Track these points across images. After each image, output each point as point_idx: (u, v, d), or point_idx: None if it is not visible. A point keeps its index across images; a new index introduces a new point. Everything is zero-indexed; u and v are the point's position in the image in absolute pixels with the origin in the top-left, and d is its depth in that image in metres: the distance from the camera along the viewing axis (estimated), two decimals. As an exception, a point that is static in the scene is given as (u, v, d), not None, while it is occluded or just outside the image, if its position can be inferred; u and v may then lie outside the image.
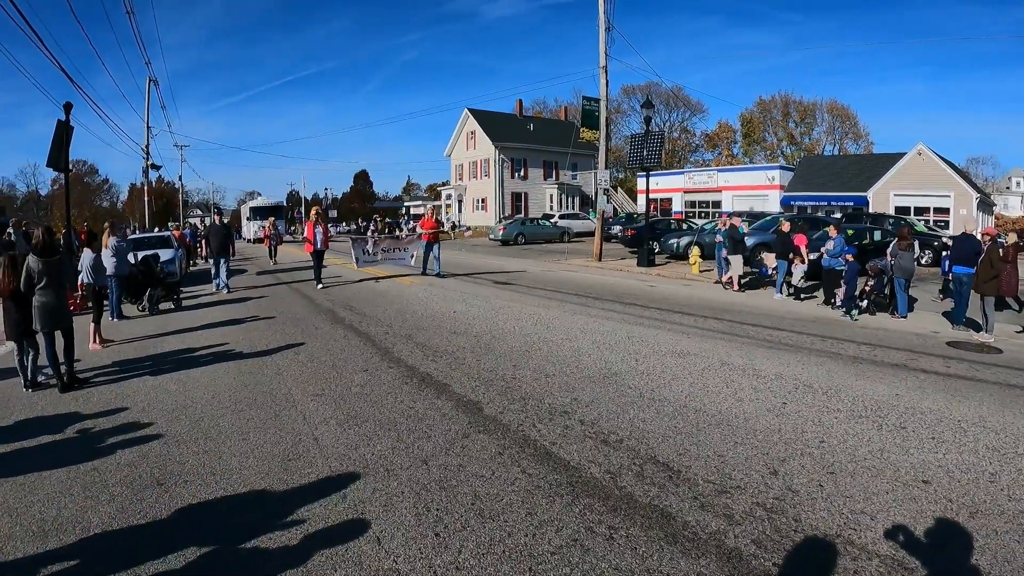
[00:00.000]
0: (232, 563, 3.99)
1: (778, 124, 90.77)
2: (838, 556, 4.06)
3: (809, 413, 6.90)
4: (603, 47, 26.79)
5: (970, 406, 7.30)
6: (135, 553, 4.09)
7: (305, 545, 4.15)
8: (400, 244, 21.83)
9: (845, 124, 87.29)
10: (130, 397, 7.69)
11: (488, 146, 62.75)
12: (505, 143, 62.81)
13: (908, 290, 13.90)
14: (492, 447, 5.86)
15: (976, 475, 5.36)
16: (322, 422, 6.59)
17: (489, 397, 7.42)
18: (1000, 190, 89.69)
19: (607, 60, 27.01)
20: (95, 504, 4.83)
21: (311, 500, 4.80)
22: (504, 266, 25.12)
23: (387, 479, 5.17)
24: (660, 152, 29.23)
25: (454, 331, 11.34)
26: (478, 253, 32.72)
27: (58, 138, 16.15)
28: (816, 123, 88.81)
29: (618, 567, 3.89)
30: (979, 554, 4.10)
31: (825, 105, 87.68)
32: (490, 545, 4.14)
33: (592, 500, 4.79)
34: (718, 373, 8.49)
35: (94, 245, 11.76)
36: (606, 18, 26.52)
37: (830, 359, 9.51)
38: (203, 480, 5.23)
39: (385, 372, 8.57)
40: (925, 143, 43.46)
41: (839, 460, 5.62)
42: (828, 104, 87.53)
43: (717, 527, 4.39)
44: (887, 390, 7.87)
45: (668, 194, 58.84)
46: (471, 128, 66.12)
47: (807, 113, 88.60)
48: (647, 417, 6.67)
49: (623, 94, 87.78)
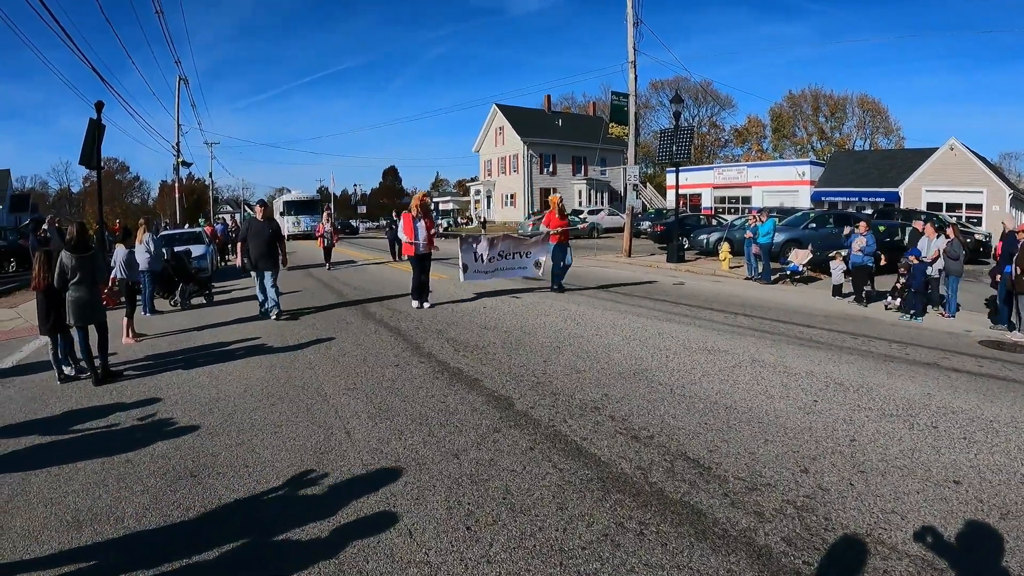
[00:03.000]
0: (265, 554, 4.04)
1: (808, 119, 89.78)
2: (868, 555, 4.03)
3: (840, 411, 6.85)
4: (631, 42, 26.70)
5: (1002, 406, 7.20)
6: (169, 543, 4.15)
7: (337, 537, 4.19)
8: (522, 247, 15.46)
9: (876, 119, 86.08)
10: (163, 390, 7.79)
11: (516, 142, 62.82)
12: (533, 139, 62.84)
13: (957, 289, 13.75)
14: (523, 442, 5.88)
15: (1008, 476, 5.29)
16: (353, 416, 6.65)
17: (520, 392, 7.44)
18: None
19: (635, 55, 26.92)
20: (129, 495, 4.90)
21: (343, 493, 4.85)
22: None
23: (418, 473, 5.20)
24: (689, 147, 29.10)
25: (484, 326, 11.37)
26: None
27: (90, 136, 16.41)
28: (847, 117, 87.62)
29: (648, 563, 3.90)
30: (1009, 556, 4.05)
31: (856, 99, 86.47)
32: (521, 539, 4.15)
33: (623, 496, 4.80)
34: (748, 370, 8.45)
35: (128, 241, 11.92)
36: (634, 13, 26.46)
37: (861, 357, 9.43)
38: (236, 472, 5.29)
39: (416, 367, 8.61)
40: (957, 138, 42.86)
41: (870, 459, 5.57)
42: (859, 98, 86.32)
43: (747, 524, 4.38)
44: (919, 389, 7.79)
45: (697, 189, 58.45)
46: (499, 124, 66.19)
47: (837, 107, 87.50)
48: (677, 413, 6.65)
49: (651, 89, 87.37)
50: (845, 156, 60.70)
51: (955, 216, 36.29)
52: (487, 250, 14.69)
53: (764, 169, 57.20)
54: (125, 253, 11.46)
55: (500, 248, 14.93)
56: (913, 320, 13.09)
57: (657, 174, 74.92)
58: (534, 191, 63.06)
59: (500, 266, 15.01)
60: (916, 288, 13.53)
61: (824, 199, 48.42)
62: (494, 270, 14.98)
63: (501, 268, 15.08)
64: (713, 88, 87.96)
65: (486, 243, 14.80)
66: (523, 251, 15.33)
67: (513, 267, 15.25)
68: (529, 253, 15.37)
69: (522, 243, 15.54)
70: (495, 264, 14.87)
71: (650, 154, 72.85)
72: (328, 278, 20.57)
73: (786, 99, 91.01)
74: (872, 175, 48.81)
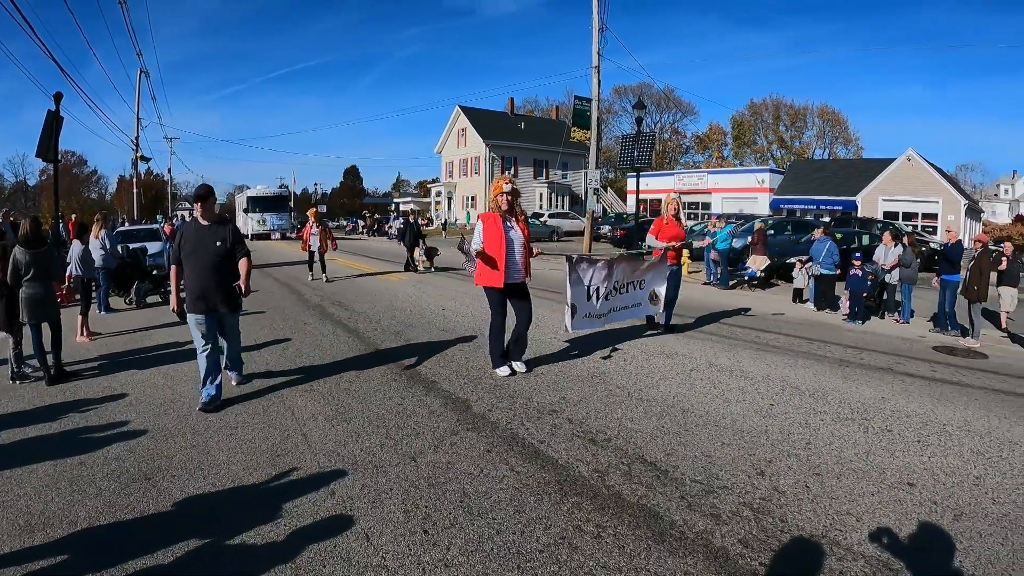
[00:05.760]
0: (220, 559, 3.98)
1: (769, 127, 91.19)
2: (824, 556, 4.08)
3: (796, 415, 6.94)
4: (596, 47, 26.89)
5: (955, 410, 7.36)
6: (122, 548, 4.07)
7: (294, 541, 4.15)
8: (638, 274, 10.50)
9: (835, 128, 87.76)
10: (117, 390, 7.66)
11: (479, 144, 62.92)
12: (496, 141, 62.98)
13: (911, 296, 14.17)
14: (481, 445, 5.87)
15: (961, 478, 5.40)
16: (310, 418, 6.59)
17: (478, 395, 7.43)
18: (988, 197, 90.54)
19: (600, 60, 27.13)
20: (82, 498, 4.81)
21: (299, 496, 4.79)
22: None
23: (376, 476, 5.17)
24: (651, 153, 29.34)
25: (443, 328, 11.34)
26: (467, 251, 32.64)
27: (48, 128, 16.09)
28: (806, 127, 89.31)
29: (606, 565, 3.90)
30: (963, 556, 4.13)
31: (816, 109, 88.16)
32: (478, 542, 4.14)
33: (580, 499, 4.81)
34: (705, 374, 8.52)
35: (84, 237, 11.71)
36: (600, 19, 26.66)
37: (817, 361, 9.55)
38: (191, 475, 5.21)
39: (373, 368, 8.56)
40: (915, 149, 43.73)
41: (825, 462, 5.65)
42: (819, 108, 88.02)
43: (704, 527, 4.41)
44: (873, 393, 7.92)
45: (658, 195, 58.63)
46: (462, 125, 66.28)
47: (798, 117, 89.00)
48: (635, 417, 6.68)
49: (615, 94, 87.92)
50: (804, 164, 61.75)
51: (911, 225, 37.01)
52: (603, 281, 9.66)
53: (724, 176, 58.02)
54: (80, 249, 11.27)
55: (617, 277, 9.95)
56: (856, 324, 13.52)
57: (618, 179, 75.31)
58: (495, 194, 63.03)
59: (615, 304, 10.02)
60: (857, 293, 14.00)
61: (783, 206, 49.15)
62: (608, 312, 9.87)
63: (616, 308, 10.06)
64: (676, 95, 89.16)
65: (603, 270, 9.68)
66: (637, 280, 10.49)
67: (628, 304, 10.32)
68: (643, 282, 10.60)
69: (637, 267, 10.58)
70: (610, 303, 9.87)
71: (612, 159, 73.11)
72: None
73: (748, 107, 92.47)
74: (830, 184, 49.69)
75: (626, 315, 10.35)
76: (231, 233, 7.28)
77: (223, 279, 7.08)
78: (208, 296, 6.99)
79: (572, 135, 29.95)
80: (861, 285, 13.92)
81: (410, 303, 14.40)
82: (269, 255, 29.20)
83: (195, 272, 7.01)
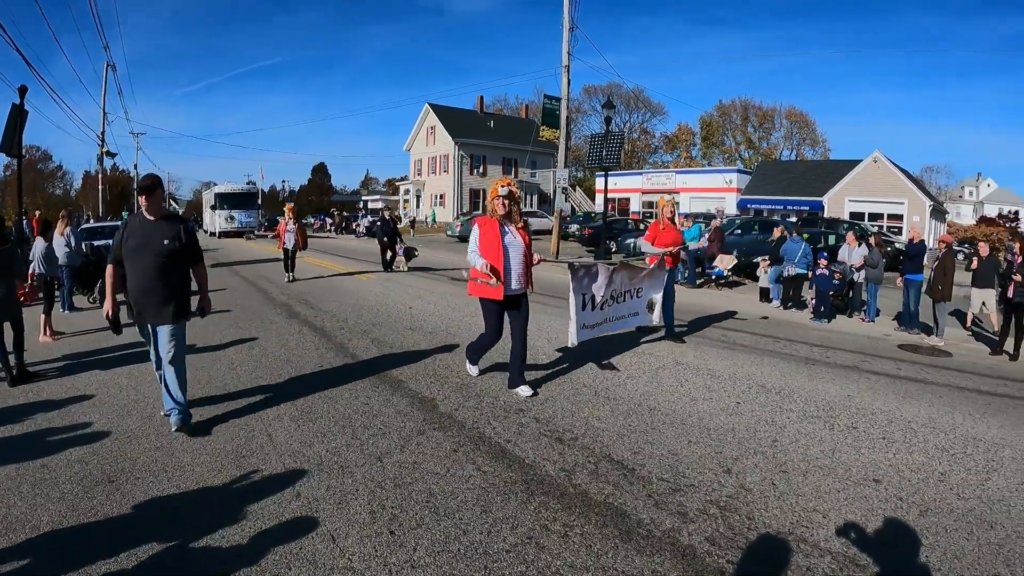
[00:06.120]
0: (184, 562, 3.93)
1: (737, 128, 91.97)
2: (791, 553, 4.12)
3: (762, 413, 7.00)
4: (566, 47, 26.91)
5: (920, 407, 7.47)
6: (86, 552, 3.99)
7: (259, 543, 4.10)
8: (635, 282, 9.96)
9: (803, 130, 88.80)
10: (81, 391, 7.52)
11: (448, 142, 62.79)
12: (465, 139, 62.89)
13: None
14: (447, 444, 5.85)
15: (926, 474, 5.49)
16: (275, 418, 6.52)
17: (444, 394, 7.41)
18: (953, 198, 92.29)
19: (570, 60, 27.15)
20: (45, 502, 4.71)
21: (265, 498, 4.74)
22: (460, 262, 25.06)
23: (341, 476, 5.13)
24: (619, 152, 29.39)
25: (410, 327, 11.31)
26: (435, 249, 32.63)
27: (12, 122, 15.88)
28: (774, 128, 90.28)
29: (573, 565, 3.91)
30: (929, 551, 4.21)
31: (784, 111, 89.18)
32: (445, 543, 4.12)
33: (547, 498, 4.81)
34: (672, 372, 8.56)
35: (48, 234, 11.52)
36: (570, 18, 26.66)
37: (783, 360, 9.64)
38: (155, 477, 5.13)
39: (340, 368, 8.51)
40: (882, 151, 44.27)
41: (792, 459, 5.70)
42: (787, 110, 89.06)
43: (671, 525, 4.43)
44: (839, 391, 8.01)
45: (626, 194, 59.21)
46: (431, 123, 66.12)
47: (766, 118, 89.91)
48: (602, 415, 6.70)
49: (584, 94, 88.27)
50: (772, 165, 62.32)
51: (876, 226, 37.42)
52: (603, 289, 9.14)
53: (692, 176, 58.34)
54: (44, 246, 11.08)
55: (615, 286, 9.47)
56: (822, 322, 13.71)
57: (587, 178, 75.53)
58: (464, 192, 63.11)
59: (612, 314, 9.48)
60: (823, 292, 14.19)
61: (750, 206, 49.56)
62: (604, 321, 9.31)
63: (613, 318, 9.53)
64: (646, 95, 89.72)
65: (604, 277, 9.16)
66: (634, 288, 9.96)
67: (624, 314, 9.79)
68: (640, 290, 10.07)
69: (635, 275, 9.99)
70: (607, 312, 9.33)
71: (580, 158, 73.29)
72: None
73: (716, 108, 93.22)
74: (797, 184, 50.20)
75: (622, 325, 9.82)
76: (182, 233, 6.21)
77: (167, 285, 6.03)
78: (146, 304, 6.01)
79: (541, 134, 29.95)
80: (827, 284, 14.09)
81: (377, 302, 14.35)
82: (238, 253, 28.91)
83: (134, 274, 6.01)
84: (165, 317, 6.02)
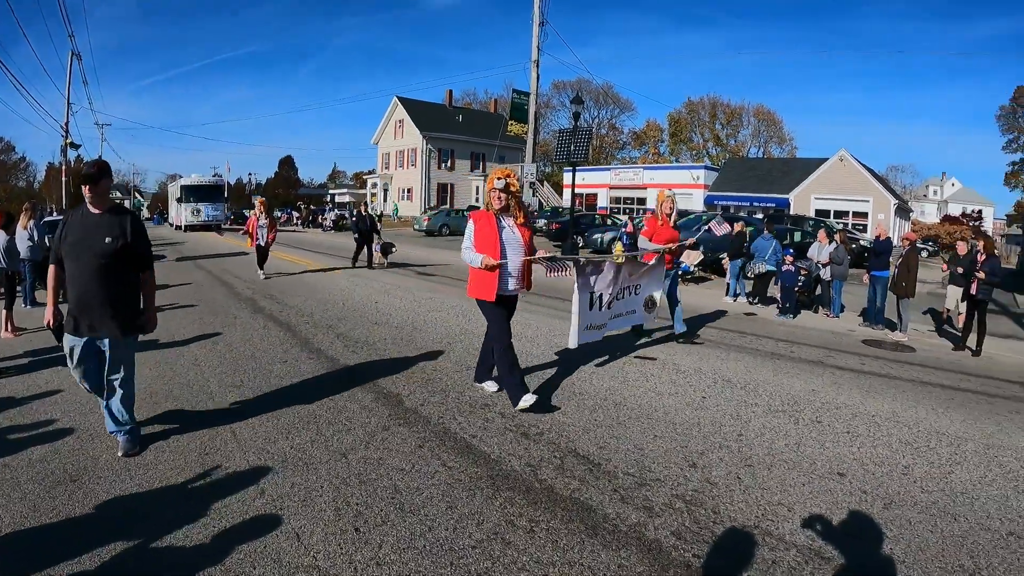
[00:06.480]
0: (148, 562, 3.86)
1: (705, 125, 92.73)
2: (756, 547, 4.15)
3: (728, 407, 7.05)
4: (536, 42, 26.98)
5: (884, 401, 7.58)
6: (47, 553, 3.91)
7: (223, 542, 4.05)
8: (635, 278, 9.14)
9: (771, 128, 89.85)
10: (43, 388, 7.38)
11: (416, 135, 62.67)
12: (433, 133, 62.81)
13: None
14: (412, 440, 5.82)
15: (890, 468, 5.57)
16: (239, 415, 6.43)
17: (410, 389, 7.37)
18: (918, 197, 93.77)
19: (539, 55, 27.21)
20: (6, 502, 4.60)
21: (229, 495, 4.69)
22: (428, 257, 25.06)
23: (306, 473, 5.09)
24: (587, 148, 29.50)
25: (376, 322, 11.25)
26: (402, 243, 32.50)
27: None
28: (742, 126, 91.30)
29: (539, 560, 3.90)
30: (893, 543, 4.27)
31: (752, 109, 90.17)
32: (411, 540, 4.11)
33: (513, 493, 4.81)
34: (637, 367, 8.60)
35: (10, 227, 11.30)
36: (540, 13, 26.73)
37: (749, 355, 9.72)
38: (117, 476, 5.05)
39: (305, 363, 8.42)
40: (848, 150, 44.85)
41: (757, 453, 5.75)
42: (755, 108, 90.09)
43: (637, 519, 4.45)
44: (804, 386, 8.09)
45: (594, 189, 59.41)
46: (400, 117, 65.93)
47: (734, 116, 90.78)
48: (567, 410, 6.71)
49: (553, 89, 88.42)
50: (739, 162, 62.84)
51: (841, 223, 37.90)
52: (609, 287, 8.43)
53: (660, 172, 58.67)
54: (5, 240, 10.85)
55: (621, 282, 8.73)
56: (787, 318, 13.88)
57: (555, 173, 75.72)
58: (431, 186, 63.05)
59: (614, 312, 8.74)
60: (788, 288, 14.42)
61: (717, 203, 49.92)
62: (607, 321, 8.58)
63: (614, 316, 8.78)
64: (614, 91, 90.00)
65: (608, 274, 8.39)
66: (633, 285, 9.15)
67: (622, 312, 8.98)
68: (639, 287, 9.27)
69: (636, 270, 9.24)
70: (610, 311, 8.61)
71: (549, 153, 73.42)
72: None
73: (685, 105, 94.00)
74: (764, 181, 50.71)
75: (621, 323, 9.07)
76: (129, 227, 5.29)
77: (111, 289, 5.23)
78: (86, 311, 5.25)
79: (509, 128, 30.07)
80: (793, 280, 14.22)
81: (343, 296, 14.26)
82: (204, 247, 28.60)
83: (73, 277, 5.29)
84: (111, 330, 5.25)
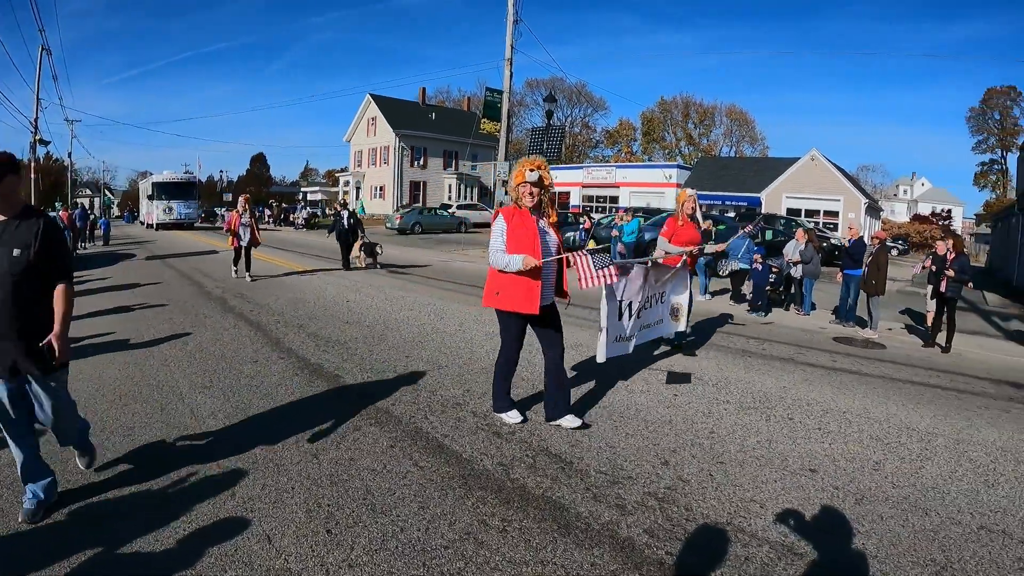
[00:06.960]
0: (118, 566, 3.81)
1: (678, 124, 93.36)
2: (729, 543, 4.18)
3: (699, 405, 7.09)
4: (510, 40, 26.92)
5: (855, 398, 7.66)
6: (16, 561, 3.84)
7: (193, 545, 4.01)
8: (660, 284, 7.87)
9: (743, 128, 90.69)
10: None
11: (389, 133, 62.44)
12: (406, 131, 62.62)
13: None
14: (384, 440, 5.79)
15: (861, 464, 5.63)
16: (209, 415, 6.37)
17: (381, 388, 7.35)
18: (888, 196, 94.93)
19: (513, 53, 27.14)
20: (-31, 509, 4.55)
21: (198, 498, 4.64)
22: (400, 256, 24.97)
23: (277, 475, 5.04)
24: (560, 146, 29.55)
25: (347, 321, 11.20)
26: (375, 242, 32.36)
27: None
28: (715, 125, 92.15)
29: (512, 559, 3.90)
30: (865, 538, 4.32)
31: (724, 109, 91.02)
32: (383, 541, 4.09)
33: (485, 493, 4.80)
34: (610, 365, 8.59)
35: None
36: (514, 11, 26.65)
37: (720, 352, 9.78)
38: (86, 479, 4.99)
39: (276, 363, 8.36)
40: (819, 149, 45.27)
41: (729, 450, 5.79)
42: (727, 108, 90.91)
43: (610, 518, 4.45)
44: (775, 383, 8.15)
45: (566, 188, 59.52)
46: (372, 114, 65.66)
47: (706, 115, 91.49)
48: (539, 409, 6.67)
49: (527, 87, 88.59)
50: (711, 161, 63.28)
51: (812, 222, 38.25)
52: (637, 294, 7.23)
53: (632, 171, 58.96)
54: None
55: (648, 289, 7.53)
56: (759, 315, 14.02)
57: (528, 171, 75.62)
58: (404, 184, 62.86)
59: (643, 321, 7.56)
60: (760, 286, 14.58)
61: (689, 201, 49.96)
62: (636, 332, 7.35)
63: (643, 327, 7.61)
64: (588, 90, 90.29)
65: (637, 280, 7.22)
66: (659, 292, 7.98)
67: (651, 321, 7.83)
68: (664, 294, 8.13)
69: (662, 276, 8.00)
70: (639, 321, 7.40)
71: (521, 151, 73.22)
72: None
73: (658, 104, 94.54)
74: (736, 180, 51.15)
75: (649, 334, 7.98)
76: (41, 235, 4.14)
77: (25, 315, 4.14)
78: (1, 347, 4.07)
79: (482, 127, 29.97)
80: (764, 278, 14.33)
81: (314, 295, 14.20)
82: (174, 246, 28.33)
83: None
84: (35, 365, 4.21)
